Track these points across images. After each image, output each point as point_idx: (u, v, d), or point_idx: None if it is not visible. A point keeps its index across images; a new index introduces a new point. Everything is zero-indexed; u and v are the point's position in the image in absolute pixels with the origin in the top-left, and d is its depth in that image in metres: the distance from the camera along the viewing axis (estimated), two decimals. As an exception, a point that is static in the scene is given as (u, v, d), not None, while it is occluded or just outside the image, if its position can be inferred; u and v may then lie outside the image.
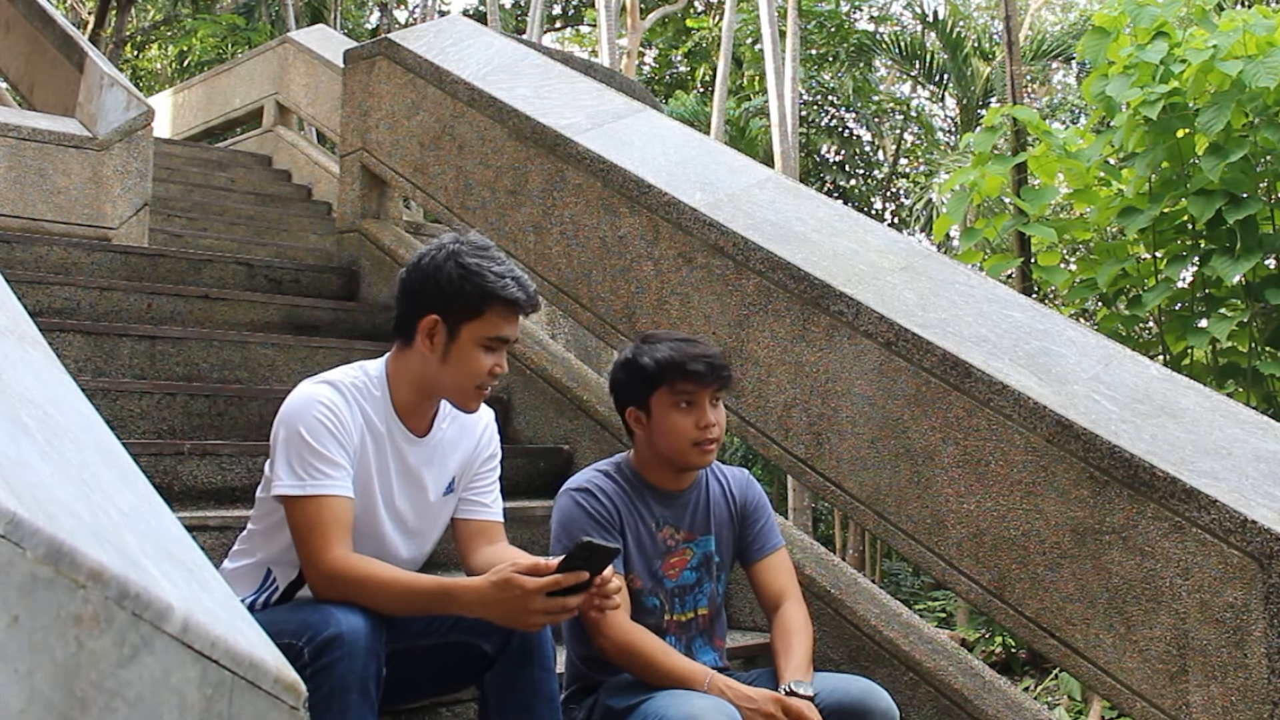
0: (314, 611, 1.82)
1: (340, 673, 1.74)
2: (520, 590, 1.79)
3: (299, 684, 0.86)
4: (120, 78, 5.44)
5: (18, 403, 0.93)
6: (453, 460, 2.17)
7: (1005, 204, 8.96)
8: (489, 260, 2.03)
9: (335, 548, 1.89)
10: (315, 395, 1.98)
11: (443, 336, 2.02)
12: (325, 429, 1.94)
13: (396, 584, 1.88)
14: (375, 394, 2.06)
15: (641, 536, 2.31)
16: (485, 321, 2.01)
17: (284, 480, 1.93)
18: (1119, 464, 2.42)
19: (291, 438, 1.94)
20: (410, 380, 2.07)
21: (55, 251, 3.91)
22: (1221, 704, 2.28)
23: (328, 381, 2.03)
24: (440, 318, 2.02)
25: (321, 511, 1.91)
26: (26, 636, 0.69)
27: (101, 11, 15.50)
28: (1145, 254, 5.75)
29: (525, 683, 1.98)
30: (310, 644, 1.77)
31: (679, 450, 2.28)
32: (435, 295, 2.02)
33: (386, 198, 4.52)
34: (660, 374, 2.26)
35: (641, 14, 16.51)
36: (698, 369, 2.23)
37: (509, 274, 2.02)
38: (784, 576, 2.41)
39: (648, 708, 2.05)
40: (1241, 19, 5.13)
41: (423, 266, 2.05)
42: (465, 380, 2.04)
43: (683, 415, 2.25)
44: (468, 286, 2.00)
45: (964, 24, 16.61)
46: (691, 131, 3.80)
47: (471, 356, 2.02)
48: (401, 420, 2.08)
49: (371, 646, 1.80)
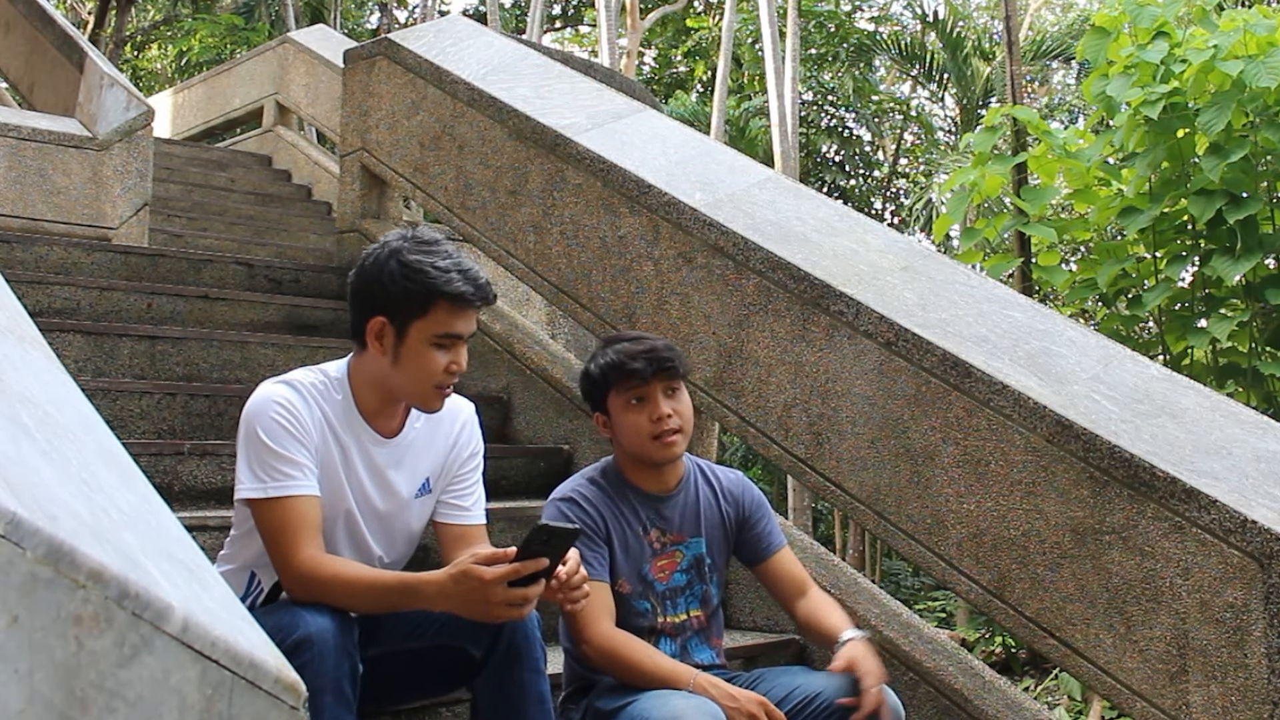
0: (285, 614, 1.80)
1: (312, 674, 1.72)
2: (478, 581, 1.75)
3: (299, 684, 0.86)
4: (120, 78, 5.44)
5: (18, 403, 0.93)
6: (426, 460, 2.12)
7: (1005, 204, 8.97)
8: (432, 255, 1.96)
9: (304, 549, 1.86)
10: (271, 395, 1.94)
11: (391, 338, 1.97)
12: (282, 428, 1.91)
13: (361, 581, 1.86)
14: (336, 396, 2.02)
15: (628, 540, 2.32)
16: (432, 319, 1.95)
17: (246, 483, 1.90)
18: (1119, 464, 2.42)
19: (250, 439, 1.91)
20: (369, 383, 2.02)
21: (55, 251, 3.90)
22: (1221, 704, 2.28)
23: (285, 381, 1.99)
24: (387, 319, 1.96)
25: (287, 513, 1.88)
26: (26, 636, 0.69)
27: (101, 11, 15.50)
28: (1145, 254, 5.75)
29: (515, 685, 1.97)
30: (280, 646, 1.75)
31: (641, 446, 2.30)
32: (380, 296, 1.96)
33: (386, 198, 4.52)
34: (605, 378, 2.30)
35: (641, 14, 16.52)
36: (636, 366, 2.26)
37: (454, 267, 1.95)
38: (799, 567, 2.45)
39: (632, 710, 2.06)
40: (1242, 19, 5.13)
41: (366, 268, 1.99)
42: (420, 381, 1.98)
43: (635, 412, 2.28)
44: (410, 284, 1.94)
45: (964, 24, 16.60)
46: (691, 131, 3.80)
47: (423, 356, 1.96)
48: (367, 422, 2.04)
49: (342, 645, 1.79)
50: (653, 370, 2.27)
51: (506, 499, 3.25)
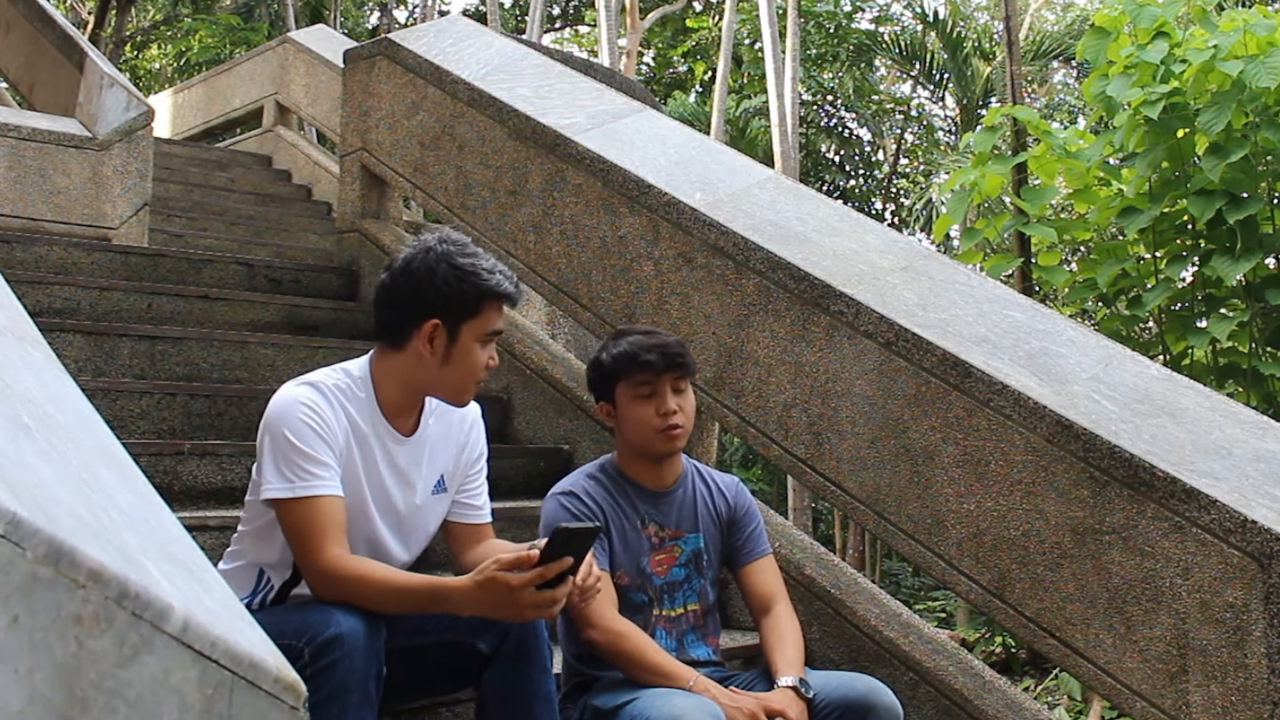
0: (315, 612, 1.83)
1: (341, 673, 1.75)
2: (506, 587, 1.79)
3: (299, 684, 0.86)
4: (120, 78, 5.44)
5: (18, 403, 0.93)
6: (440, 457, 2.17)
7: (1005, 204, 8.97)
8: (478, 258, 2.05)
9: (330, 548, 1.89)
10: (297, 397, 1.97)
11: (443, 340, 2.02)
12: (310, 429, 1.94)
13: (389, 583, 1.89)
14: (359, 395, 2.05)
15: (626, 533, 2.35)
16: (483, 319, 2.04)
17: (273, 483, 1.92)
18: (1119, 464, 2.42)
19: (277, 441, 1.94)
20: (400, 381, 2.06)
21: (55, 251, 3.90)
22: (1221, 704, 2.28)
23: (309, 383, 2.02)
24: (441, 321, 2.02)
25: (314, 512, 1.91)
26: (26, 636, 0.69)
27: (101, 11, 15.50)
28: (1145, 254, 5.75)
29: (523, 682, 1.98)
30: (311, 644, 1.77)
31: (645, 439, 2.33)
32: (433, 299, 2.02)
33: (386, 198, 4.52)
34: (617, 368, 2.33)
35: (641, 14, 16.51)
36: (651, 359, 2.31)
37: (496, 269, 2.06)
38: (774, 580, 2.46)
39: (634, 707, 2.07)
40: (1242, 19, 5.13)
41: (414, 271, 2.04)
42: (466, 378, 2.06)
43: (644, 405, 2.32)
44: (465, 287, 2.01)
45: (964, 24, 16.61)
46: (691, 131, 3.80)
47: (471, 354, 2.04)
48: (388, 420, 2.08)
49: (371, 646, 1.81)
50: (665, 365, 2.31)
51: (506, 499, 3.25)
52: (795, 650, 2.30)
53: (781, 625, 2.36)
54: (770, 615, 2.39)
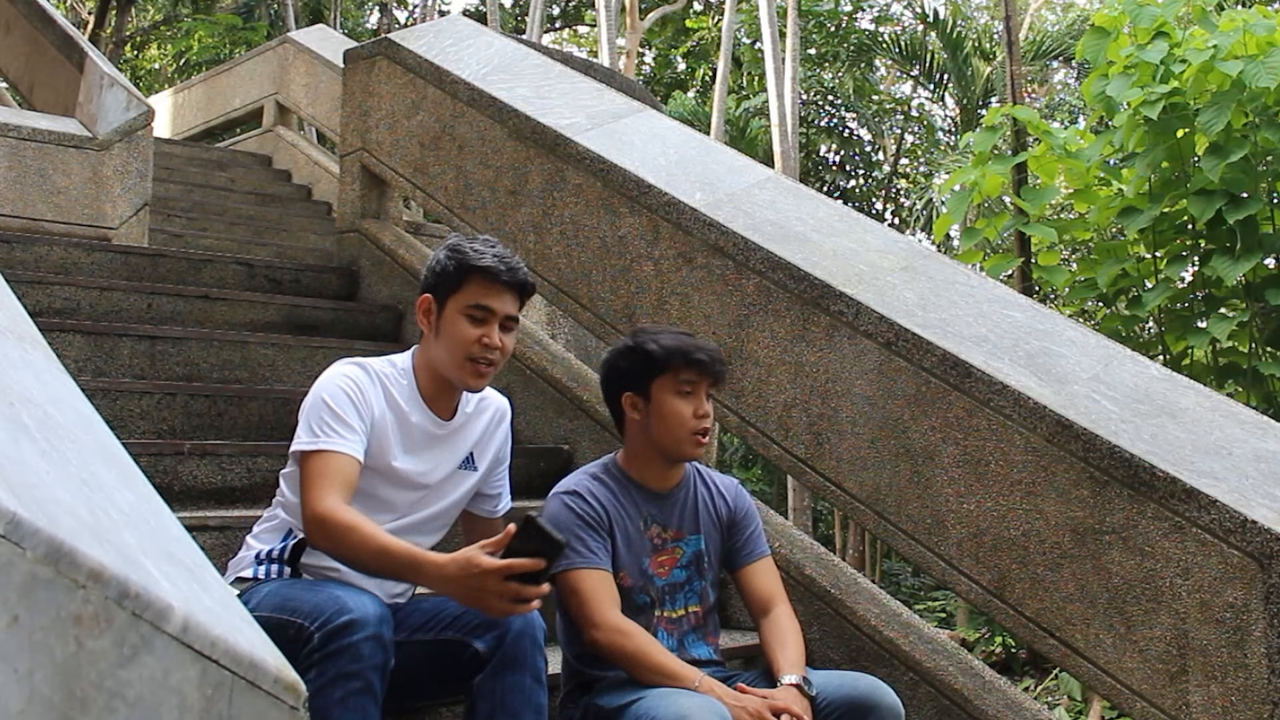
0: (328, 596, 1.84)
1: (348, 659, 1.76)
2: (478, 569, 1.80)
3: (299, 684, 0.86)
4: (120, 78, 5.44)
5: (18, 403, 0.93)
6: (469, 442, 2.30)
7: (1005, 204, 8.97)
8: (475, 243, 2.20)
9: (330, 495, 1.96)
10: (342, 370, 2.14)
11: (434, 314, 2.19)
12: (346, 396, 2.08)
13: (376, 539, 1.92)
14: (403, 382, 2.20)
15: (630, 534, 2.35)
16: (465, 292, 2.15)
17: (301, 438, 2.05)
18: (1119, 464, 2.42)
19: (315, 404, 2.08)
20: (427, 367, 2.21)
21: (55, 251, 3.90)
22: (1221, 704, 2.28)
23: (355, 362, 2.18)
24: (432, 296, 2.19)
25: (326, 464, 2.00)
26: (26, 636, 0.69)
27: (101, 11, 15.50)
28: (1145, 254, 5.75)
29: (515, 689, 1.98)
30: (322, 629, 1.78)
31: (676, 438, 2.33)
32: (428, 279, 2.22)
33: (386, 198, 4.52)
34: (667, 360, 2.32)
35: (641, 14, 16.51)
36: (701, 358, 2.33)
37: (490, 250, 2.18)
38: (773, 582, 2.46)
39: (639, 707, 2.07)
40: (1241, 19, 5.13)
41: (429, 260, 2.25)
42: (454, 350, 2.15)
43: (683, 402, 2.32)
44: (450, 263, 2.17)
45: (964, 24, 16.60)
46: (691, 131, 3.80)
47: (455, 325, 2.15)
48: (427, 405, 2.21)
49: (380, 636, 1.81)
50: (712, 368, 2.35)
51: (506, 499, 3.24)
52: (796, 650, 2.31)
53: (782, 626, 2.36)
54: (770, 616, 2.39)
